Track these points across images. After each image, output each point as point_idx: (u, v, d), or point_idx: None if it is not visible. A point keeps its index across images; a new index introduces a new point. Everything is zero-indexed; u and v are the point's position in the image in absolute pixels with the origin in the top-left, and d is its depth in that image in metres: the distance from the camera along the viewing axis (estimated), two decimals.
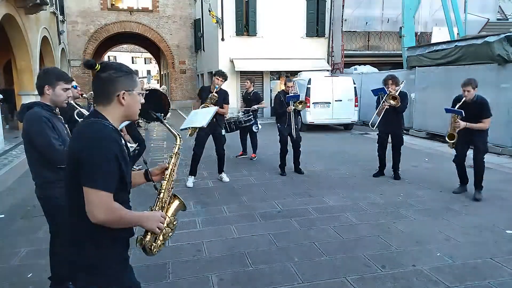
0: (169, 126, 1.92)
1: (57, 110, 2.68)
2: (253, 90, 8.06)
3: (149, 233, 1.67)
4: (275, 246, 3.72)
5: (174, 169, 1.86)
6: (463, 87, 4.95)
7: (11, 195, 5.56)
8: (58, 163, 2.46)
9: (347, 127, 12.82)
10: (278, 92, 6.80)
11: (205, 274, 3.19)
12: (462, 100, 4.95)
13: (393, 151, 6.17)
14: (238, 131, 7.99)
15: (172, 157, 1.87)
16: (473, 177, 5.15)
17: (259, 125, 7.98)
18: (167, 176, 1.82)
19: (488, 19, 16.66)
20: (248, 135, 8.04)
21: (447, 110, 5.17)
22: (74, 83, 4.01)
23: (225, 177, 6.23)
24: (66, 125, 2.80)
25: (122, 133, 4.47)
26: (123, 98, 1.59)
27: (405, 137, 10.66)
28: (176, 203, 1.83)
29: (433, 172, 6.69)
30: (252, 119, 7.75)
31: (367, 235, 3.97)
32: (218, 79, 5.71)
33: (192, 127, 5.39)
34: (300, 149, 6.61)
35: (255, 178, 6.39)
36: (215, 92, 5.69)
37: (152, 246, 1.69)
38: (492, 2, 17.69)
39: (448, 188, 5.60)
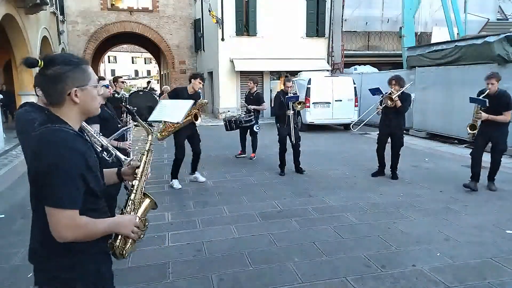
0: (141, 121, 1.86)
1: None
2: (256, 91, 8.03)
3: (119, 237, 1.56)
4: (275, 246, 3.72)
5: (146, 167, 1.73)
6: (487, 80, 5.10)
7: (11, 195, 5.56)
8: None
9: (347, 127, 12.81)
10: (278, 92, 6.79)
11: (205, 274, 3.19)
12: (486, 93, 5.10)
13: (392, 152, 6.18)
14: (238, 130, 8.00)
15: (144, 155, 1.75)
16: (488, 171, 5.50)
17: (258, 127, 7.96)
18: (139, 175, 1.70)
19: (488, 19, 16.67)
20: (249, 135, 8.04)
21: (471, 100, 5.25)
22: (105, 82, 3.88)
23: (200, 176, 6.15)
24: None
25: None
26: (75, 95, 1.40)
27: (405, 137, 10.66)
28: (146, 202, 1.72)
29: (433, 172, 6.69)
30: (253, 119, 7.74)
31: (367, 235, 3.97)
32: (200, 83, 5.69)
33: (165, 122, 5.16)
34: (299, 148, 6.61)
35: (255, 178, 6.39)
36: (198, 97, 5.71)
37: (124, 251, 1.58)
38: (492, 2, 17.70)
39: (448, 188, 5.60)
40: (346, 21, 16.52)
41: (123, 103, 4.90)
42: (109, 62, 49.60)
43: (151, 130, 1.86)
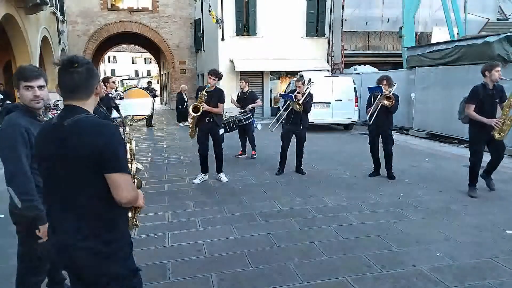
0: (121, 115, 2.25)
1: (42, 115, 2.37)
2: (248, 90, 8.10)
3: (131, 210, 1.87)
4: (275, 246, 3.72)
5: (131, 154, 2.05)
6: (494, 67, 4.90)
7: None
8: (11, 183, 2.11)
9: (347, 127, 12.82)
10: (291, 90, 6.88)
11: (205, 274, 3.19)
12: (493, 85, 4.96)
13: (384, 151, 6.20)
14: (237, 130, 8.02)
15: (127, 143, 2.03)
16: (488, 168, 5.40)
17: (258, 124, 8.03)
18: (130, 159, 1.98)
19: (488, 19, 16.66)
20: (246, 134, 8.07)
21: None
22: None
23: (223, 177, 6.20)
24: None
25: None
26: (97, 88, 1.71)
27: (405, 137, 10.72)
28: (135, 181, 2.06)
29: (433, 172, 6.69)
30: (251, 117, 7.80)
31: (367, 235, 3.97)
32: (210, 77, 5.75)
33: (136, 115, 5.55)
34: (303, 149, 6.61)
35: (255, 178, 6.39)
36: (206, 91, 5.64)
37: (137, 221, 1.95)
38: (492, 2, 17.69)
39: (448, 188, 5.60)
40: (346, 21, 16.50)
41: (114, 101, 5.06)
42: (109, 62, 49.57)
43: (127, 122, 2.23)
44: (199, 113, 5.67)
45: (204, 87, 5.87)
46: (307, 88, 6.51)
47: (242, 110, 7.96)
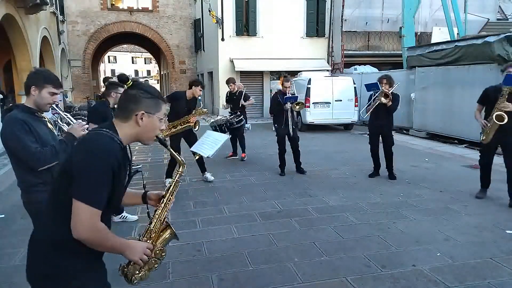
0: (173, 152, 1.83)
1: (41, 113, 2.54)
2: (238, 90, 8.00)
3: (131, 262, 1.59)
4: (275, 246, 3.72)
5: (171, 199, 1.73)
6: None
7: (11, 195, 5.55)
8: (37, 166, 2.38)
9: (347, 127, 12.82)
10: (276, 92, 6.85)
11: (205, 274, 3.19)
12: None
13: (385, 151, 6.19)
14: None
15: (171, 185, 1.74)
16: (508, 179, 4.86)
17: (249, 125, 7.97)
18: (162, 204, 1.71)
19: (488, 19, 16.67)
20: (237, 136, 8.00)
21: (507, 78, 4.50)
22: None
23: (209, 176, 6.15)
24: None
25: None
26: (141, 118, 1.54)
27: (405, 137, 10.72)
28: (167, 232, 1.72)
29: (433, 172, 6.69)
30: (243, 119, 7.70)
31: (367, 235, 3.97)
32: (201, 90, 5.80)
33: (198, 153, 5.30)
34: (299, 149, 6.61)
35: (255, 178, 6.39)
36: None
37: (133, 277, 1.59)
38: (492, 2, 17.70)
39: (448, 188, 5.60)
40: (346, 21, 16.50)
41: None
42: (109, 62, 49.57)
43: (182, 161, 1.80)
44: (196, 128, 5.76)
45: (182, 94, 5.84)
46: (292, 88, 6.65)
47: (233, 112, 7.85)
